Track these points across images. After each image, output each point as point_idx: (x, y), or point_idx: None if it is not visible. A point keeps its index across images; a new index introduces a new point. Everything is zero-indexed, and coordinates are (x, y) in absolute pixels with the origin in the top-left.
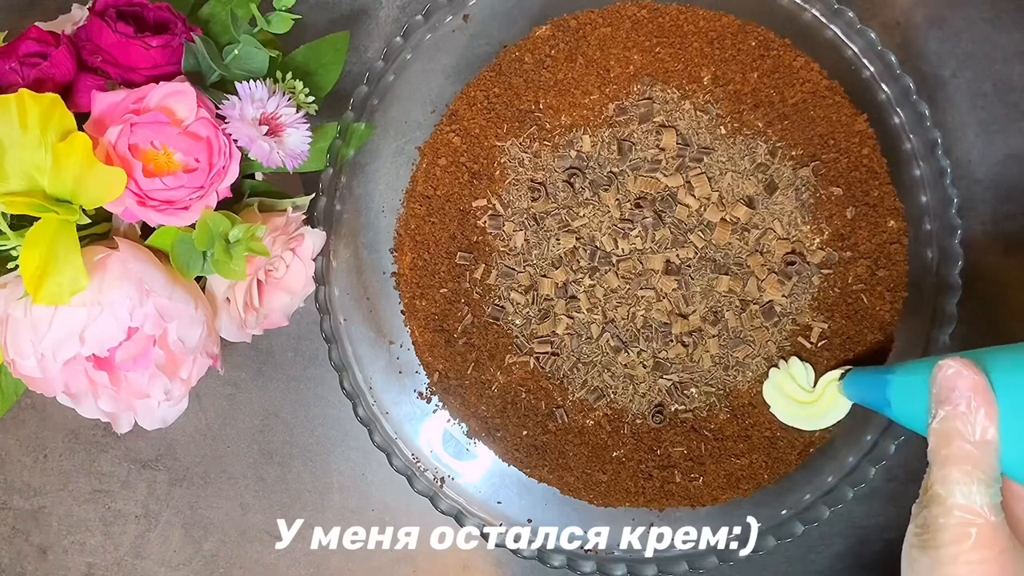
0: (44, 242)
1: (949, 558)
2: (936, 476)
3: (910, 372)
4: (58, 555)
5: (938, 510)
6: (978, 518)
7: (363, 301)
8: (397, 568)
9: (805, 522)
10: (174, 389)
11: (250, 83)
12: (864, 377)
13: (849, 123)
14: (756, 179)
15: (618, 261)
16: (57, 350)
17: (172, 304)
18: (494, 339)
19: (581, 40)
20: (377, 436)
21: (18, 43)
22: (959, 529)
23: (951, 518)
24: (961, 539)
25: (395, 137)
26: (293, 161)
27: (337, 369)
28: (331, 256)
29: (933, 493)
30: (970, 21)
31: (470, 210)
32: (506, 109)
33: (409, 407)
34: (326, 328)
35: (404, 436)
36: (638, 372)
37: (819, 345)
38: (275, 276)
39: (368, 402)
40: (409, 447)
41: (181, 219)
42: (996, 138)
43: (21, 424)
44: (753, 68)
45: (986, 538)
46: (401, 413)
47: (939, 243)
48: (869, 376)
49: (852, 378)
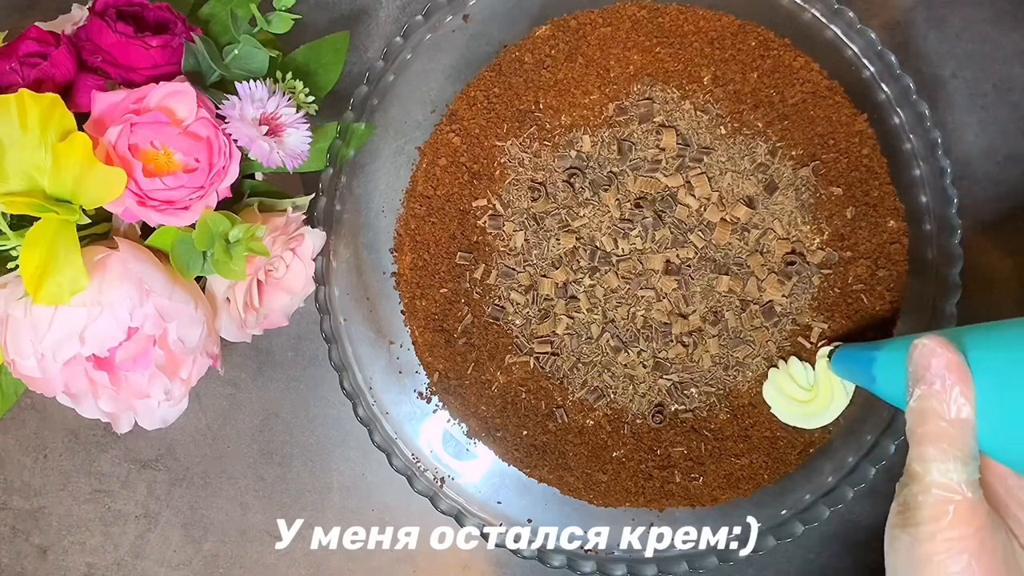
0: (44, 242)
1: (927, 535)
2: (914, 454)
3: (895, 349)
4: (58, 555)
5: (916, 488)
6: (955, 495)
7: (363, 301)
8: (397, 568)
9: (805, 522)
10: (174, 389)
11: (250, 83)
12: (852, 353)
13: (849, 123)
14: (756, 179)
15: (618, 261)
16: (57, 350)
17: (172, 304)
18: (494, 339)
19: (581, 40)
20: (377, 436)
21: (18, 43)
22: (937, 507)
23: (929, 496)
24: (939, 516)
25: (395, 137)
26: (293, 161)
27: (337, 369)
28: (331, 256)
29: (911, 471)
30: (970, 21)
31: (470, 210)
32: (506, 109)
33: (409, 407)
34: (326, 328)
35: (404, 436)
36: (638, 372)
37: (819, 345)
38: (275, 276)
39: (368, 402)
40: (409, 447)
41: (181, 219)
42: (996, 138)
43: (21, 424)
44: (753, 68)
45: (964, 515)
46: (401, 413)
47: (939, 243)
48: (857, 352)
49: (840, 354)
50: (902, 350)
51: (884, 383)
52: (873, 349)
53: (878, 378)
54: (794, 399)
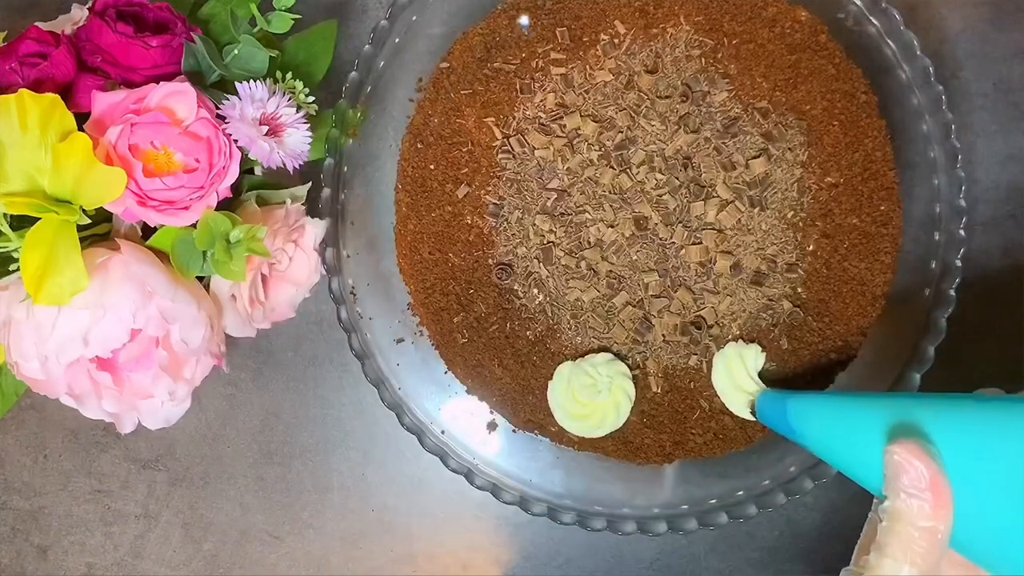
0: (44, 242)
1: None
2: (876, 543)
3: (810, 402)
4: (58, 555)
5: (864, 572)
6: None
7: (377, 288)
8: (397, 568)
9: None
10: (178, 390)
11: (250, 83)
12: (769, 398)
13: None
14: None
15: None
16: (61, 352)
17: (175, 305)
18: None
19: None
20: (407, 419)
21: (18, 43)
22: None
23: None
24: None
25: (391, 121)
26: (293, 161)
27: (359, 357)
28: (340, 246)
29: (865, 563)
30: (970, 21)
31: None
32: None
33: (429, 388)
34: (343, 317)
35: (431, 416)
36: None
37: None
38: (279, 269)
39: (394, 387)
40: (438, 425)
41: (181, 219)
42: (996, 138)
43: (21, 424)
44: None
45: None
46: (422, 395)
47: (943, 258)
48: (772, 398)
49: (761, 399)
50: (813, 406)
51: (804, 437)
52: (786, 397)
53: (796, 430)
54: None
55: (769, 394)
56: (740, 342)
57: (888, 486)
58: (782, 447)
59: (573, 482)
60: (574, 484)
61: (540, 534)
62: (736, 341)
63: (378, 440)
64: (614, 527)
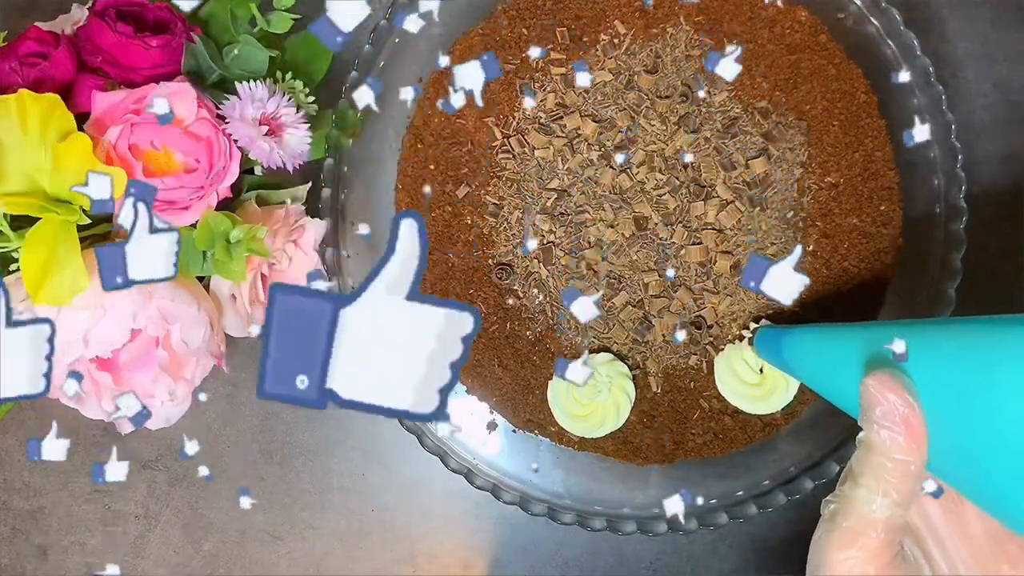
0: (45, 242)
1: (829, 563)
2: (848, 475)
3: (801, 335)
4: (58, 555)
5: (838, 507)
6: (871, 532)
7: None
8: (397, 568)
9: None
10: (178, 389)
11: (250, 83)
12: (766, 333)
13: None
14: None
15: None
16: (61, 353)
17: (175, 306)
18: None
19: None
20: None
21: (18, 43)
22: (849, 536)
23: (847, 520)
24: (847, 546)
25: (391, 121)
26: (293, 161)
27: None
28: (340, 246)
29: (840, 490)
30: (970, 21)
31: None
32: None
33: None
34: None
35: None
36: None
37: (753, 331)
38: (278, 269)
39: None
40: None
41: (181, 219)
42: (996, 138)
43: (21, 424)
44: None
45: (871, 552)
46: None
47: (943, 258)
48: (770, 333)
49: (760, 334)
50: (811, 337)
51: (796, 369)
52: (783, 333)
53: (789, 363)
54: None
55: (767, 329)
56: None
57: (863, 417)
58: (782, 447)
59: (573, 482)
60: (574, 484)
61: (540, 534)
62: (739, 340)
63: (378, 440)
64: (614, 527)
